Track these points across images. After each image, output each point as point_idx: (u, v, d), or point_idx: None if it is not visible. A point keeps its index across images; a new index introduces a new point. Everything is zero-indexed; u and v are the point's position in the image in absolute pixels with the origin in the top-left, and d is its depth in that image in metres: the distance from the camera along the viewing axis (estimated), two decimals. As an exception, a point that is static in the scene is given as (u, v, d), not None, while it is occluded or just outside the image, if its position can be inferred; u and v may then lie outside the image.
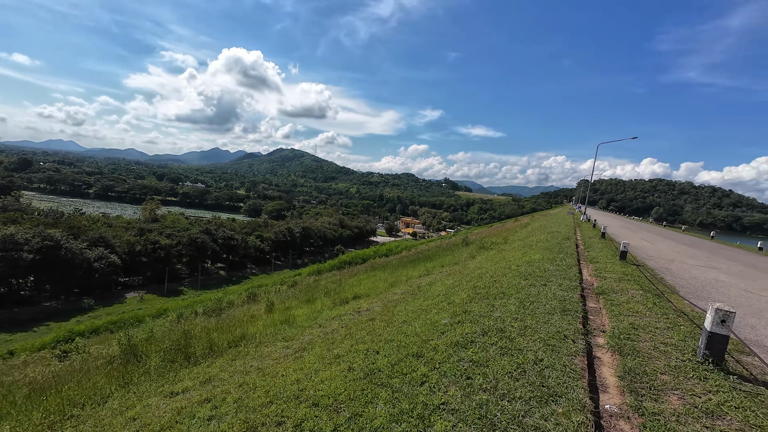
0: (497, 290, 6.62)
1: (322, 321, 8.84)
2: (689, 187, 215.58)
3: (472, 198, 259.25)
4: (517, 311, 5.20)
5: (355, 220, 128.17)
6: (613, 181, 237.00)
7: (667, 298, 6.30)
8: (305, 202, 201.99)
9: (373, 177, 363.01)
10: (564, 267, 8.58)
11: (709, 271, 9.85)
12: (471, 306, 5.80)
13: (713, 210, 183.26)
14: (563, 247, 12.29)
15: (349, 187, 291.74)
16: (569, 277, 7.41)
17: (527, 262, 9.63)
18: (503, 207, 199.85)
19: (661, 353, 3.94)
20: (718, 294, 7.16)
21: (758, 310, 6.12)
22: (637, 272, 8.51)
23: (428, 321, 5.62)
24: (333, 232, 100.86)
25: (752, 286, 8.37)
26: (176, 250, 55.74)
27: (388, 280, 13.81)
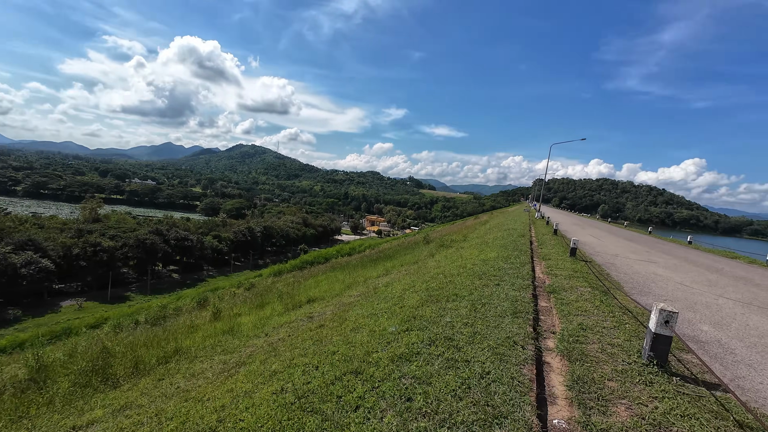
0: (451, 291, 6.38)
1: (270, 329, 8.18)
2: (630, 186, 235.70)
3: (435, 196, 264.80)
4: (468, 315, 4.96)
5: (319, 218, 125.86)
6: (565, 180, 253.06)
7: (612, 295, 6.41)
8: (267, 200, 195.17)
9: (338, 175, 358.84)
10: (518, 265, 8.59)
11: (649, 266, 10.40)
12: (422, 310, 5.49)
13: (650, 207, 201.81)
14: (518, 244, 12.49)
15: (314, 185, 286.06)
16: (522, 276, 7.37)
17: (483, 260, 9.59)
18: (465, 205, 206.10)
19: (609, 356, 3.83)
20: (658, 288, 7.46)
21: (693, 304, 6.39)
22: (586, 268, 8.73)
23: (377, 328, 5.22)
24: (296, 231, 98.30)
25: (686, 279, 8.89)
26: (121, 253, 51.16)
27: (346, 282, 13.31)
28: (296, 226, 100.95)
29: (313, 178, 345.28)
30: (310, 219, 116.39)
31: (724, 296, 7.24)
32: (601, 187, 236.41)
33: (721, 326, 5.25)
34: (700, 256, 14.27)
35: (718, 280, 9.14)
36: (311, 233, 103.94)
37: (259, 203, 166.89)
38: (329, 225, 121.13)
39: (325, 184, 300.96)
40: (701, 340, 4.61)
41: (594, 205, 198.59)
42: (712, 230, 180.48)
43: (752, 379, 3.57)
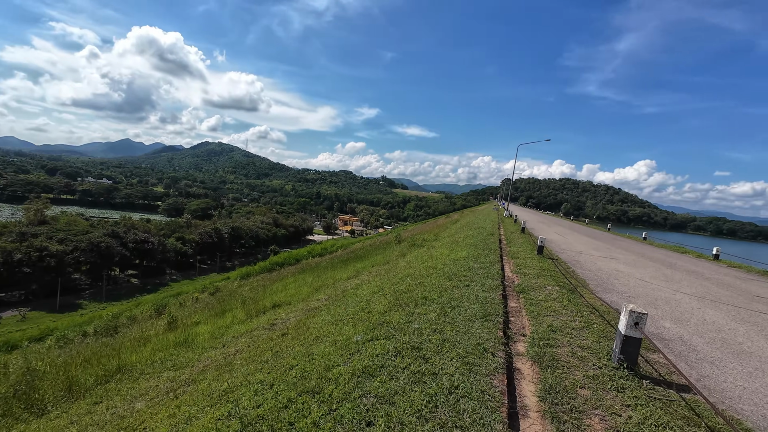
0: (420, 294, 6.13)
1: (229, 339, 7.58)
2: (590, 185, 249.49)
3: (408, 195, 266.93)
4: (438, 320, 4.71)
5: (290, 218, 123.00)
6: (531, 180, 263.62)
7: (579, 293, 6.42)
8: (235, 200, 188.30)
9: (310, 174, 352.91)
10: (487, 264, 8.52)
11: (611, 262, 10.74)
12: (390, 316, 5.19)
13: (607, 205, 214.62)
14: (488, 243, 12.54)
15: (284, 185, 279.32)
16: (492, 276, 7.27)
17: (453, 260, 9.46)
18: (437, 204, 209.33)
19: (579, 360, 3.70)
20: (621, 285, 7.62)
21: (654, 300, 6.54)
22: (553, 266, 8.81)
23: (341, 337, 4.86)
24: (266, 231, 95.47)
25: (645, 274, 9.20)
26: (72, 258, 47.14)
27: (314, 284, 12.80)
28: (266, 227, 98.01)
29: (284, 177, 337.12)
30: (281, 219, 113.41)
31: (680, 291, 7.52)
32: (564, 186, 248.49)
33: (681, 322, 5.35)
34: (654, 252, 15.05)
35: (673, 275, 9.56)
36: (282, 234, 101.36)
37: (227, 203, 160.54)
38: (301, 225, 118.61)
39: (297, 183, 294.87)
40: (665, 337, 4.64)
41: (558, 203, 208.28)
42: (661, 226, 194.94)
43: (716, 378, 3.56)
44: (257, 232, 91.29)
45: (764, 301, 7.34)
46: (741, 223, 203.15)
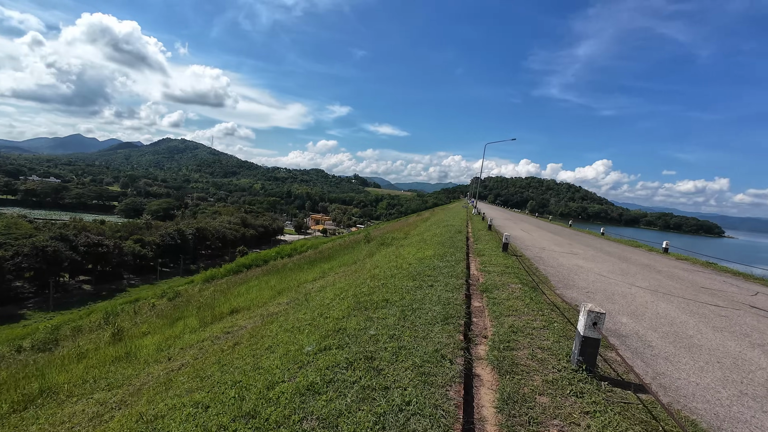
0: (381, 297, 5.85)
1: (176, 351, 6.94)
2: (553, 184, 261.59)
3: (380, 194, 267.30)
4: (396, 325, 4.45)
5: (260, 218, 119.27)
6: (499, 178, 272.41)
7: (541, 290, 6.41)
8: (201, 199, 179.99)
9: (280, 172, 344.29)
10: (453, 263, 8.40)
11: (572, 258, 11.02)
12: (347, 322, 4.86)
13: (569, 203, 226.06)
14: (455, 241, 12.52)
15: (253, 183, 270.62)
16: (456, 275, 7.13)
17: (419, 259, 9.28)
18: (409, 202, 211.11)
19: (539, 363, 3.56)
20: (581, 281, 7.74)
21: (611, 295, 6.66)
22: (517, 263, 8.85)
23: (294, 347, 4.47)
24: (234, 232, 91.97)
25: (603, 269, 9.48)
26: (13, 264, 42.88)
27: (277, 287, 12.21)
28: (234, 227, 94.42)
29: (252, 175, 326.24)
30: (250, 219, 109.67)
31: (635, 285, 7.75)
32: (529, 184, 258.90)
33: (637, 317, 5.42)
34: (611, 247, 15.74)
35: (628, 268, 9.93)
36: (251, 234, 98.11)
37: (192, 203, 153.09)
38: (271, 225, 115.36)
39: (266, 182, 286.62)
40: (622, 333, 4.64)
41: (524, 201, 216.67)
42: (617, 222, 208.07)
43: (671, 375, 3.54)
44: (224, 233, 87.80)
45: (709, 292, 7.72)
46: (685, 218, 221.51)
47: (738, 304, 6.88)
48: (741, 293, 8.02)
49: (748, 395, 3.25)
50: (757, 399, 3.20)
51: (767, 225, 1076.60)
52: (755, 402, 3.14)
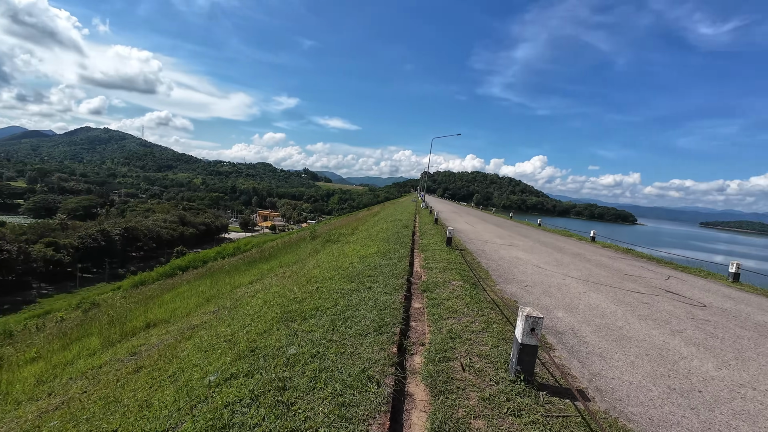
0: (313, 303, 5.23)
1: (61, 383, 5.69)
2: (496, 178, 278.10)
3: (332, 188, 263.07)
4: (323, 338, 3.88)
5: (201, 215, 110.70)
6: (447, 173, 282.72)
7: (482, 287, 6.25)
8: (130, 196, 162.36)
9: (223, 166, 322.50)
10: (396, 260, 8.02)
11: (512, 250, 11.29)
12: (267, 338, 4.18)
13: (510, 195, 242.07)
14: (400, 236, 12.23)
15: (193, 178, 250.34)
16: (397, 274, 6.73)
17: (362, 257, 8.78)
18: (361, 197, 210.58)
19: (476, 374, 3.22)
20: (520, 273, 7.80)
21: (548, 288, 6.73)
22: (460, 258, 8.74)
23: (197, 375, 3.70)
24: (171, 231, 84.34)
25: (540, 260, 9.77)
26: None
27: (208, 293, 10.98)
28: (171, 226, 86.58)
29: (192, 169, 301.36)
30: (189, 217, 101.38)
31: (569, 275, 8.01)
32: (475, 179, 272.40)
33: (571, 310, 5.44)
34: (547, 237, 16.65)
35: (562, 258, 10.38)
36: (191, 233, 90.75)
37: (119, 200, 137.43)
38: (214, 222, 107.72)
39: (208, 176, 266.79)
40: (559, 330, 4.55)
41: (470, 194, 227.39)
42: (551, 212, 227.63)
43: (606, 375, 3.42)
44: (159, 232, 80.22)
45: (631, 279, 8.23)
46: (607, 208, 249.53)
47: (656, 289, 7.36)
48: (656, 278, 8.69)
49: (676, 391, 3.21)
50: (684, 394, 3.16)
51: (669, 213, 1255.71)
52: (683, 398, 3.09)
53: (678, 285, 8.03)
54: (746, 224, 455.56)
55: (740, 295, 7.62)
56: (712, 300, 6.85)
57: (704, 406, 3.00)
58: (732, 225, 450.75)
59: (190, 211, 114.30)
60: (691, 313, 5.77)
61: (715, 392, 3.24)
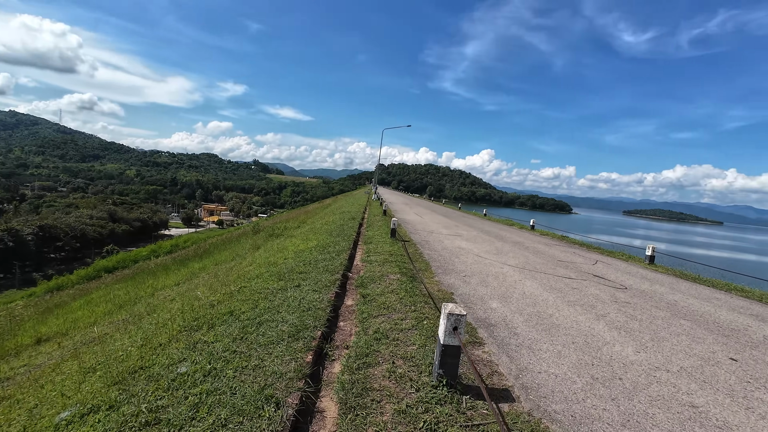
0: (229, 307, 4.58)
1: None
2: (448, 170, 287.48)
3: (284, 181, 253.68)
4: (226, 350, 3.30)
5: (135, 210, 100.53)
6: (401, 165, 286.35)
7: (420, 279, 5.99)
8: (47, 189, 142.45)
9: (162, 156, 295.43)
10: (335, 254, 7.53)
11: (456, 240, 11.33)
12: (159, 354, 3.49)
13: (461, 187, 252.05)
14: (345, 229, 11.74)
15: (125, 169, 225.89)
16: (333, 269, 6.26)
17: (298, 252, 8.16)
18: (315, 189, 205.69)
19: (396, 382, 2.87)
20: (460, 263, 7.72)
21: (486, 277, 6.68)
22: (402, 250, 8.48)
23: (49, 411, 2.94)
24: (99, 228, 75.50)
25: (482, 249, 9.87)
26: None
27: (122, 299, 9.64)
28: (98, 223, 77.48)
29: (124, 160, 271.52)
30: (121, 212, 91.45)
31: (507, 264, 8.11)
32: (428, 171, 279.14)
33: (506, 299, 5.38)
34: (491, 226, 17.19)
35: (503, 247, 10.62)
36: (124, 230, 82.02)
37: (32, 194, 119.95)
38: (151, 218, 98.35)
39: (143, 167, 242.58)
40: (491, 322, 4.40)
41: (423, 186, 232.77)
42: (498, 203, 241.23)
43: (533, 369, 3.27)
44: (84, 230, 71.46)
45: (563, 265, 8.57)
46: (547, 199, 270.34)
47: (584, 274, 7.70)
48: (585, 263, 9.17)
49: (599, 380, 3.14)
50: (606, 383, 3.09)
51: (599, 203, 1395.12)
52: (605, 388, 3.01)
53: (604, 269, 8.51)
54: (659, 212, 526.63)
55: (655, 276, 8.26)
56: (632, 282, 7.29)
57: (624, 395, 2.94)
58: (648, 213, 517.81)
59: (122, 206, 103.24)
60: (615, 296, 6.03)
61: (634, 378, 3.22)
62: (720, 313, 5.52)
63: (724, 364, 3.69)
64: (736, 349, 4.10)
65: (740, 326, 4.97)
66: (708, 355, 3.86)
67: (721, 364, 3.68)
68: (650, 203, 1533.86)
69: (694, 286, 7.50)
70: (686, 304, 5.93)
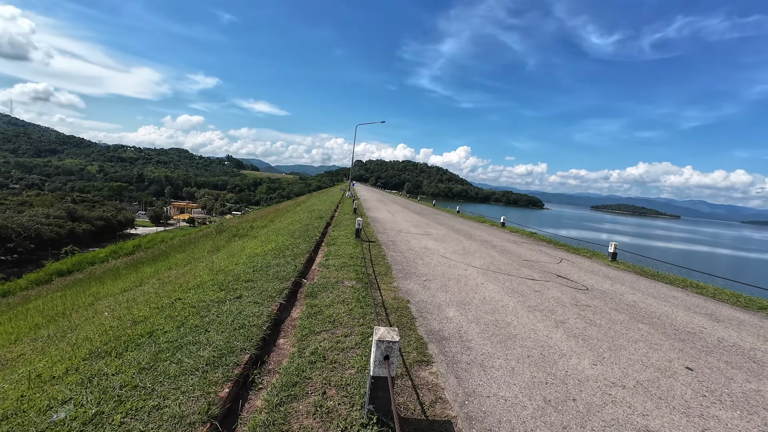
0: (151, 325, 4.01)
1: None
2: (426, 167, 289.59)
3: (259, 177, 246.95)
4: (125, 385, 2.77)
5: (98, 209, 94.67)
6: (379, 161, 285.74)
7: (378, 285, 5.62)
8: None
9: (127, 151, 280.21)
10: (291, 258, 7.02)
11: (424, 239, 11.05)
12: (43, 391, 2.91)
13: (438, 184, 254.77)
14: (310, 228, 11.20)
15: (87, 165, 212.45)
16: (283, 276, 5.76)
17: (251, 256, 7.59)
18: (292, 186, 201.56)
19: (321, 420, 2.46)
20: (423, 265, 7.41)
21: (447, 281, 6.39)
22: (362, 252, 8.08)
23: None
24: (56, 228, 70.53)
25: (448, 249, 9.63)
26: None
27: (56, 309, 8.71)
28: (56, 222, 72.29)
29: (85, 155, 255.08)
30: (81, 210, 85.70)
31: (472, 265, 7.88)
32: (406, 168, 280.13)
33: (464, 306, 5.09)
34: (463, 224, 17.10)
35: (470, 246, 10.44)
36: (84, 229, 77.01)
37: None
38: (116, 216, 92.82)
39: (107, 163, 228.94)
40: (445, 335, 4.08)
41: (401, 183, 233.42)
42: (474, 199, 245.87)
43: (482, 393, 2.95)
44: (39, 230, 66.50)
45: (528, 265, 8.46)
46: (521, 195, 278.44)
47: (548, 274, 7.58)
48: (551, 261, 9.12)
49: (551, 403, 2.86)
50: (559, 407, 2.82)
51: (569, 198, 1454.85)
52: (557, 413, 2.74)
53: (567, 268, 8.46)
54: (623, 207, 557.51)
55: (617, 274, 8.29)
56: (594, 282, 7.24)
57: (576, 421, 2.67)
58: (613, 208, 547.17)
59: (83, 203, 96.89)
60: (576, 298, 5.89)
61: (588, 399, 2.97)
62: (677, 314, 5.49)
63: (680, 374, 3.53)
64: (692, 356, 3.98)
65: (696, 328, 4.91)
66: (665, 365, 3.70)
67: (677, 375, 3.52)
68: (615, 198, 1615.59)
69: (653, 284, 7.56)
70: (645, 305, 5.87)
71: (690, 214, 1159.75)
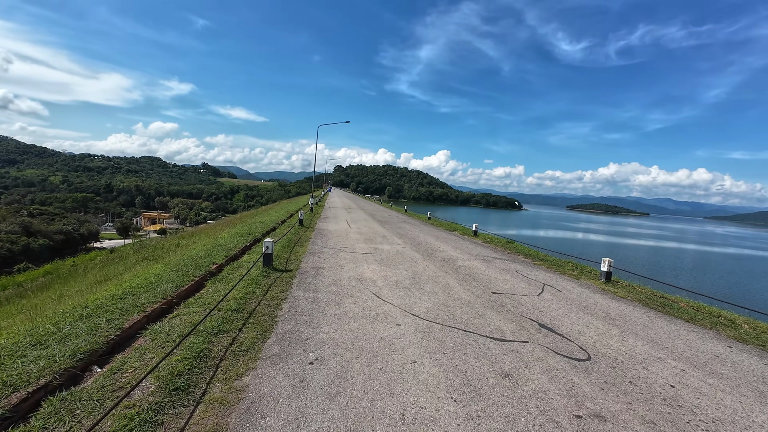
0: None
1: None
2: (406, 171, 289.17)
3: (237, 185, 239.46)
4: None
5: (57, 222, 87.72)
6: (360, 166, 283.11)
7: (197, 396, 2.91)
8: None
9: (94, 161, 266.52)
10: (115, 315, 4.22)
11: (365, 263, 8.38)
12: None
13: (419, 188, 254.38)
14: (214, 253, 8.36)
15: (49, 175, 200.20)
16: (71, 353, 2.97)
17: (113, 296, 4.73)
18: (270, 193, 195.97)
19: None
20: (335, 319, 4.73)
21: (351, 362, 3.69)
22: (254, 295, 5.35)
23: None
24: (8, 244, 64.21)
25: (391, 280, 7.00)
26: None
27: None
28: (8, 237, 65.86)
29: (47, 165, 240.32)
30: (38, 224, 78.96)
31: (413, 311, 5.25)
32: (387, 172, 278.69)
33: None
34: (428, 234, 14.59)
35: (424, 271, 7.85)
36: (41, 244, 70.61)
37: None
38: (78, 229, 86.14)
39: (72, 173, 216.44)
40: None
41: (382, 187, 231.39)
42: (455, 202, 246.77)
43: None
44: (-15, 247, 60.25)
45: (499, 304, 5.91)
46: (500, 197, 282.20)
47: (525, 325, 5.05)
48: (529, 292, 6.65)
49: None
50: None
51: (545, 199, 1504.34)
52: None
53: (552, 304, 5.99)
54: (597, 206, 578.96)
55: (619, 308, 5.88)
56: (593, 334, 4.77)
57: None
58: (588, 207, 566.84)
59: (40, 216, 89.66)
60: (573, 392, 3.34)
61: None
62: (753, 416, 3.05)
63: None
64: None
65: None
66: None
67: None
68: (589, 198, 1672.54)
69: (673, 326, 5.20)
70: (685, 392, 3.41)
71: (657, 211, 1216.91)
